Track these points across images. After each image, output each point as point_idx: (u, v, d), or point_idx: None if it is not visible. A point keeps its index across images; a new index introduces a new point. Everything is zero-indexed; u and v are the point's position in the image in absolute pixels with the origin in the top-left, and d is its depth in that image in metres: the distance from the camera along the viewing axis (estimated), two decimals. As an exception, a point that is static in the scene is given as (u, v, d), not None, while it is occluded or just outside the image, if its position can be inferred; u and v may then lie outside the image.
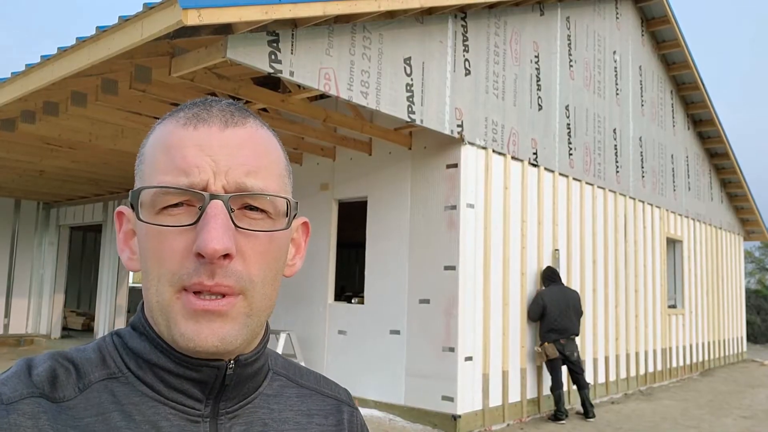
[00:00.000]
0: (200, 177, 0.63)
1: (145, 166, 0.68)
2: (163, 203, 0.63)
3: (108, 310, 11.96)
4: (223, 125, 0.66)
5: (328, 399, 0.81)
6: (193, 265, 0.61)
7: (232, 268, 0.62)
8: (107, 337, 0.71)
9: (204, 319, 0.62)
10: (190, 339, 0.62)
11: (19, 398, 0.60)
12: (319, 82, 5.04)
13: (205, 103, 0.69)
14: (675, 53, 11.21)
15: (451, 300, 6.49)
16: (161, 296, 0.63)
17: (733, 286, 14.27)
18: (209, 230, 0.60)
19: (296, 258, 0.76)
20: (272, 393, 0.75)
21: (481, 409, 6.65)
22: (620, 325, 9.34)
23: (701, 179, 12.77)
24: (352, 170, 7.70)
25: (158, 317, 0.64)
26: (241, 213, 0.64)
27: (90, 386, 0.64)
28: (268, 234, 0.66)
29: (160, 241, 0.63)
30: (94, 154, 8.47)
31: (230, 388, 0.68)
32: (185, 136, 0.65)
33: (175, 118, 0.68)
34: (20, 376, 0.63)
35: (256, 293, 0.65)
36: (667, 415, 7.82)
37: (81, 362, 0.66)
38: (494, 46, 7.17)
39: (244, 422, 0.70)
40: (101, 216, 12.59)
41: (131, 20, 4.07)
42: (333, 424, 0.78)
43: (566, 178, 8.40)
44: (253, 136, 0.68)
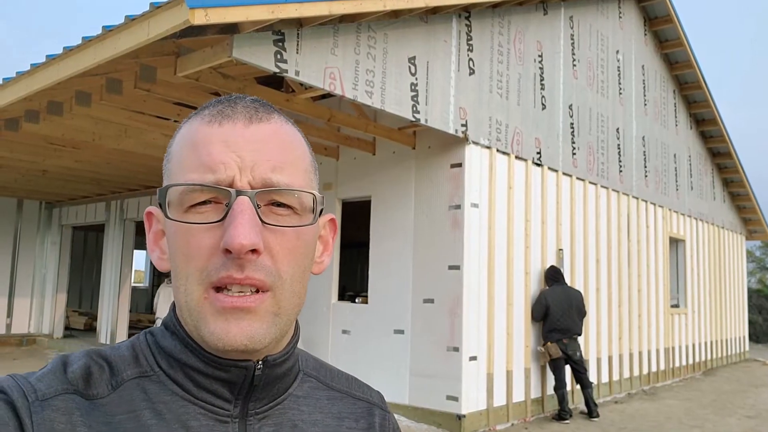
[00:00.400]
0: (226, 173, 0.63)
1: (172, 165, 0.68)
2: (191, 201, 0.63)
3: (110, 310, 11.96)
4: (247, 121, 0.66)
5: (359, 402, 0.80)
6: (221, 260, 0.61)
7: (261, 262, 0.62)
8: (141, 335, 0.72)
9: (233, 317, 0.62)
10: (218, 338, 0.62)
11: (53, 394, 0.61)
12: (324, 82, 5.04)
13: (230, 100, 0.69)
14: (678, 53, 11.21)
15: (455, 300, 6.49)
16: (189, 295, 0.63)
17: (736, 285, 14.26)
18: (236, 226, 0.60)
19: (324, 255, 0.75)
20: (302, 394, 0.74)
21: (486, 408, 6.65)
22: (623, 325, 9.33)
23: (704, 178, 12.76)
24: (356, 170, 7.69)
25: (187, 317, 0.65)
26: (267, 209, 0.64)
27: (122, 384, 0.65)
28: (296, 230, 0.65)
29: (188, 238, 0.63)
30: (98, 153, 8.47)
31: (259, 389, 0.68)
32: (211, 132, 0.65)
33: (200, 115, 0.68)
34: (56, 372, 0.64)
35: (284, 290, 0.65)
36: (671, 415, 7.81)
37: (115, 360, 0.67)
38: (498, 45, 7.17)
39: (274, 423, 0.69)
40: (104, 215, 12.59)
41: (138, 20, 4.06)
42: (364, 427, 0.78)
43: (570, 177, 8.39)
44: (278, 131, 0.68)
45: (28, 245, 13.59)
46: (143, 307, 18.89)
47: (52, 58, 4.88)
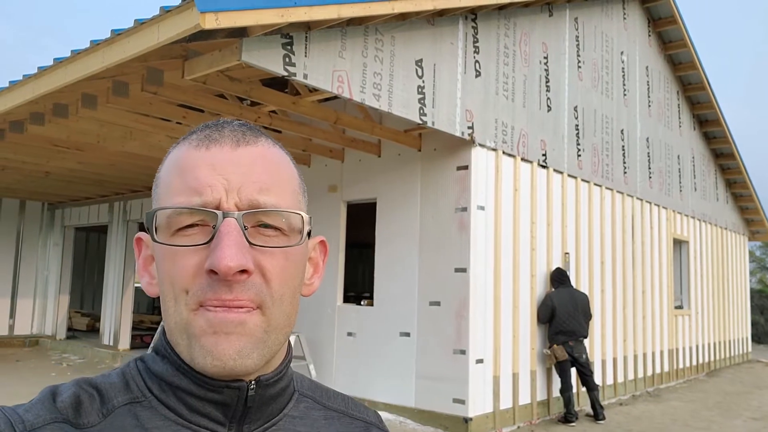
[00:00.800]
0: (212, 196, 0.63)
1: (160, 189, 0.68)
2: (178, 224, 0.63)
3: (114, 311, 11.95)
4: (235, 144, 0.67)
5: (356, 421, 0.79)
6: (206, 281, 0.61)
7: (250, 282, 0.62)
8: (131, 362, 0.71)
9: (222, 331, 0.62)
10: (208, 351, 0.62)
11: (42, 424, 0.61)
12: (332, 85, 5.02)
13: (217, 125, 0.69)
14: (681, 53, 11.19)
15: (462, 302, 6.47)
16: (179, 316, 0.63)
17: (738, 286, 14.26)
18: (222, 247, 0.60)
19: (314, 277, 0.75)
20: (298, 415, 0.74)
21: (492, 411, 6.64)
22: (628, 326, 9.32)
23: (707, 179, 12.76)
24: (361, 172, 7.68)
25: (177, 337, 0.64)
26: (255, 231, 0.64)
27: (114, 411, 0.64)
28: (284, 250, 0.65)
29: (174, 261, 0.63)
30: (101, 155, 8.46)
31: (253, 410, 0.68)
32: (198, 156, 0.66)
33: (188, 140, 0.69)
34: (44, 402, 0.63)
35: (274, 309, 0.64)
36: (676, 417, 7.80)
37: (105, 388, 0.66)
38: (504, 47, 7.15)
39: None
40: (106, 217, 12.57)
41: (147, 23, 4.05)
42: None
43: (575, 179, 8.38)
44: (265, 154, 0.68)
45: (31, 246, 13.58)
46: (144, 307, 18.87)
47: (60, 61, 4.87)
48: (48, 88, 5.11)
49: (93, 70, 4.61)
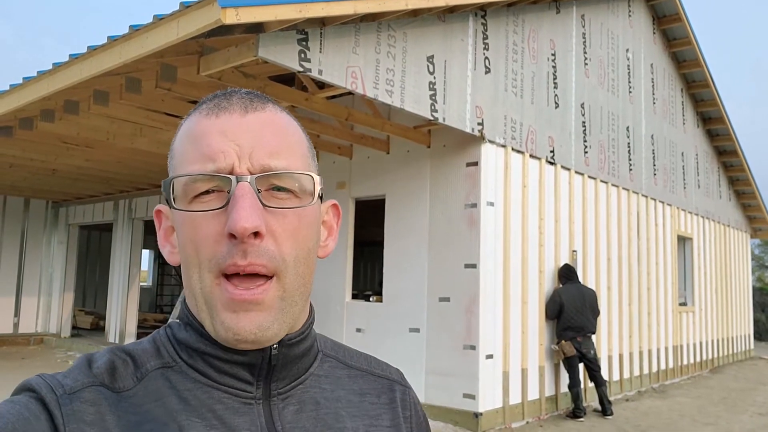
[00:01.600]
0: (225, 162, 0.65)
1: (175, 161, 0.71)
2: (194, 191, 0.66)
3: (119, 309, 11.96)
4: (243, 111, 0.69)
5: (380, 379, 0.82)
6: (227, 247, 0.64)
7: (264, 247, 0.64)
8: (161, 330, 0.74)
9: (242, 309, 0.64)
10: (229, 328, 0.64)
11: (80, 387, 0.63)
12: (346, 81, 5.04)
13: (225, 94, 0.71)
14: (686, 51, 11.23)
15: (472, 298, 6.50)
16: (203, 283, 0.66)
17: (741, 283, 14.30)
18: (237, 210, 0.62)
19: (329, 240, 0.78)
20: (323, 374, 0.77)
21: (502, 406, 6.67)
22: (633, 323, 9.36)
23: (710, 177, 12.80)
24: (370, 169, 7.70)
25: (202, 305, 0.67)
26: (268, 194, 0.66)
27: (147, 375, 0.67)
28: (297, 212, 0.67)
29: (195, 228, 0.66)
30: (110, 152, 8.47)
31: (278, 369, 0.70)
32: (209, 124, 0.68)
33: (198, 110, 0.71)
34: (81, 368, 0.66)
35: (288, 273, 0.67)
36: (683, 412, 7.84)
37: (137, 354, 0.69)
38: (513, 44, 7.18)
39: (297, 402, 0.72)
40: (111, 215, 12.58)
41: (166, 19, 4.07)
42: (386, 402, 0.80)
43: (582, 176, 8.41)
44: (273, 119, 0.70)
45: (35, 245, 13.58)
46: (147, 306, 18.88)
47: (75, 58, 4.88)
48: (62, 85, 5.13)
49: (109, 66, 4.63)
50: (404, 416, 0.81)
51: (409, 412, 0.83)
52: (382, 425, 0.77)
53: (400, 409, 0.81)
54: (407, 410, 0.83)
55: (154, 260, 20.20)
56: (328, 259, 7.71)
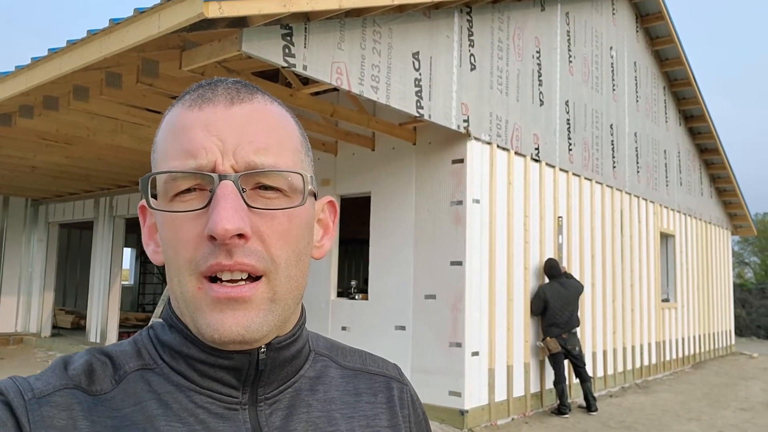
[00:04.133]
0: (207, 159, 0.61)
1: (156, 155, 0.66)
2: (175, 189, 0.62)
3: (100, 308, 11.79)
4: (228, 103, 0.64)
5: (376, 377, 0.79)
6: (209, 248, 0.60)
7: (250, 247, 0.60)
8: (143, 331, 0.71)
9: (228, 308, 0.60)
10: (214, 329, 0.60)
11: (51, 391, 0.60)
12: (331, 77, 4.99)
13: (210, 84, 0.66)
14: (668, 49, 11.31)
15: (457, 295, 6.49)
16: (184, 287, 0.62)
17: (722, 280, 14.47)
18: (218, 211, 0.58)
19: (324, 239, 0.74)
20: (315, 375, 0.73)
21: (487, 403, 6.67)
22: (617, 319, 9.42)
23: (692, 174, 12.92)
24: (355, 166, 7.65)
25: (183, 308, 0.64)
26: (254, 193, 0.62)
27: (125, 377, 0.64)
28: (286, 212, 0.63)
29: (175, 228, 0.62)
30: (90, 149, 8.33)
31: (266, 374, 0.67)
32: (191, 117, 0.63)
33: (181, 101, 0.66)
34: (55, 370, 0.63)
35: (279, 275, 0.63)
36: (667, 408, 7.90)
37: (116, 355, 0.66)
38: (498, 41, 7.17)
39: (286, 407, 0.68)
40: (92, 213, 12.40)
41: (148, 12, 3.99)
42: (383, 401, 0.76)
43: (566, 173, 8.43)
44: (261, 111, 0.65)
45: (14, 243, 13.35)
46: (128, 305, 18.68)
47: (55, 52, 4.78)
48: (41, 80, 5.02)
49: (89, 60, 4.54)
50: (402, 415, 0.78)
51: (408, 410, 0.80)
52: (379, 425, 0.74)
53: (398, 408, 0.78)
54: (405, 408, 0.79)
55: (135, 259, 19.98)
56: (313, 256, 7.66)
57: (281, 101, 0.71)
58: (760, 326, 20.82)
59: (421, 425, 0.82)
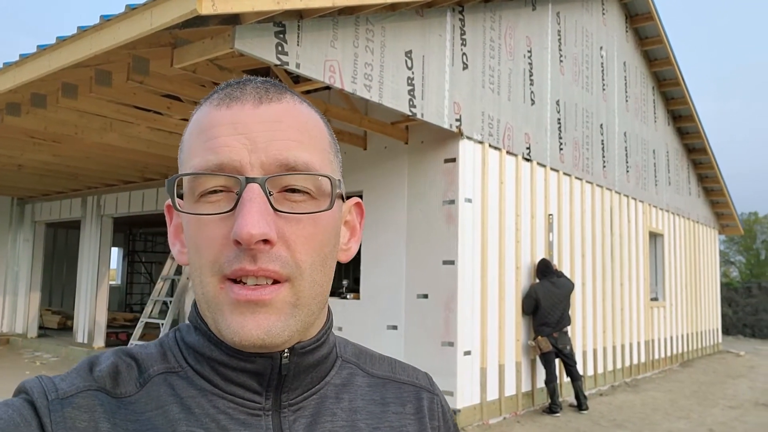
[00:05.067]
0: (229, 156, 0.60)
1: (183, 154, 0.66)
2: (200, 188, 0.61)
3: (87, 309, 11.68)
4: (257, 102, 0.63)
5: (404, 386, 0.77)
6: (233, 252, 0.59)
7: (275, 253, 0.59)
8: (170, 332, 0.70)
9: (248, 311, 0.59)
10: (235, 332, 0.59)
11: (75, 392, 0.60)
12: (324, 75, 4.96)
13: (239, 83, 0.66)
14: (657, 49, 11.38)
15: (450, 294, 6.48)
16: (206, 288, 0.61)
17: (709, 279, 14.58)
18: (244, 215, 0.57)
19: (351, 241, 0.72)
20: (341, 382, 0.71)
21: (480, 403, 6.67)
22: (607, 318, 9.46)
23: (680, 174, 13.01)
24: (347, 165, 7.62)
25: (205, 310, 0.63)
26: (281, 196, 0.61)
27: (150, 380, 0.64)
28: (312, 216, 0.62)
29: (200, 230, 0.61)
30: (78, 147, 8.24)
31: (290, 379, 0.65)
32: (218, 116, 0.62)
33: (209, 101, 0.65)
34: (80, 372, 0.63)
35: (304, 280, 0.61)
36: (656, 406, 7.95)
37: (142, 358, 0.66)
38: (490, 40, 7.17)
39: (310, 414, 0.67)
40: (79, 212, 12.27)
41: (140, 9, 3.94)
42: (412, 412, 0.74)
43: (557, 172, 8.46)
44: (291, 110, 0.64)
45: (0, 243, 13.19)
46: (116, 305, 18.51)
47: (44, 49, 4.71)
48: (30, 77, 4.94)
49: (79, 57, 4.47)
50: (432, 426, 0.76)
51: (438, 422, 0.77)
52: None
53: (427, 420, 0.75)
54: (435, 420, 0.77)
55: (123, 258, 19.81)
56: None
57: (309, 102, 0.69)
58: (746, 325, 21.02)
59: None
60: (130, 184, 11.12)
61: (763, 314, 21.11)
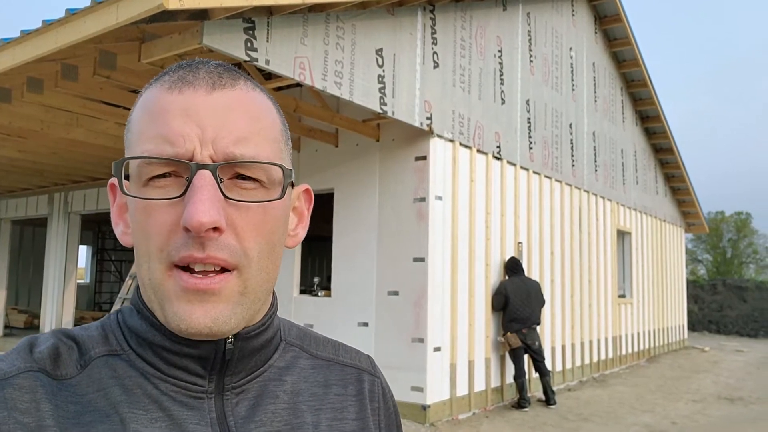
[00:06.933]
0: (185, 147, 0.59)
1: (131, 135, 0.64)
2: (149, 174, 0.60)
3: (54, 307, 11.48)
4: (210, 88, 0.62)
5: (347, 368, 0.78)
6: (182, 239, 0.59)
7: (224, 240, 0.59)
8: (112, 315, 0.69)
9: (197, 299, 0.59)
10: (181, 319, 0.59)
11: (16, 372, 0.59)
12: (294, 71, 4.96)
13: (192, 65, 0.64)
14: (625, 51, 11.58)
15: (420, 291, 6.53)
16: (153, 274, 0.61)
17: (676, 276, 14.90)
18: (194, 202, 0.57)
19: (299, 227, 0.73)
20: (284, 365, 0.72)
21: (449, 398, 6.73)
22: (575, 315, 9.61)
23: (648, 173, 13.26)
24: (318, 162, 7.63)
25: (151, 296, 0.62)
26: (231, 183, 0.61)
27: (91, 362, 0.63)
28: (262, 204, 0.62)
29: (148, 214, 0.60)
30: (44, 143, 8.10)
31: (234, 363, 0.66)
32: (170, 100, 0.61)
33: (160, 82, 0.64)
34: (20, 352, 0.62)
35: (251, 269, 0.62)
36: (623, 401, 8.11)
37: (83, 339, 0.65)
38: (461, 39, 7.23)
39: (253, 396, 0.68)
40: (46, 209, 12.04)
41: (106, 3, 3.89)
42: (353, 393, 0.76)
43: (527, 171, 8.56)
44: (243, 98, 0.64)
45: (-37, 240, 12.89)
46: (85, 304, 18.21)
47: (7, 42, 4.62)
48: (-7, 70, 4.85)
49: (45, 51, 4.41)
50: (372, 408, 0.77)
51: (378, 403, 0.79)
52: (347, 418, 0.73)
53: (368, 401, 0.77)
54: (375, 401, 0.79)
55: (92, 257, 19.49)
56: (275, 253, 7.59)
57: (263, 87, 0.69)
58: (712, 321, 21.51)
59: (391, 418, 0.81)
60: (98, 181, 10.96)
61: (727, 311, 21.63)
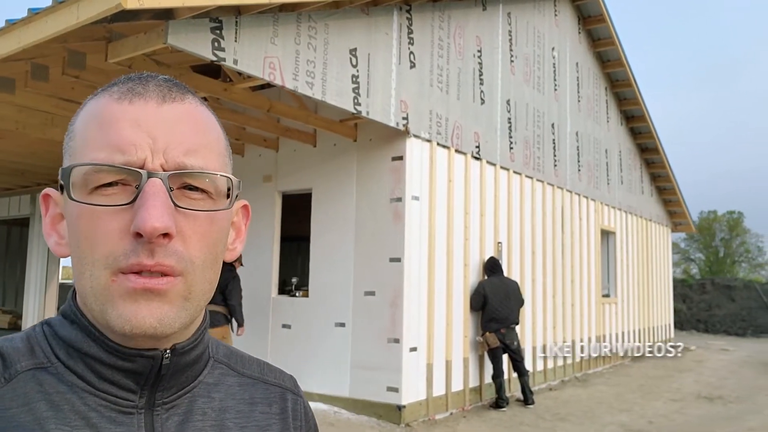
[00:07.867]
0: (137, 155, 0.60)
1: (75, 143, 0.64)
2: (96, 182, 0.60)
3: (37, 307, 11.42)
4: (160, 100, 0.63)
5: (271, 387, 0.79)
6: (130, 245, 0.59)
7: (172, 247, 0.60)
8: (37, 326, 0.68)
9: (143, 299, 0.59)
10: (126, 320, 0.59)
11: None
12: (263, 71, 4.94)
13: (141, 78, 0.66)
14: (609, 51, 11.60)
15: (396, 292, 6.52)
16: (96, 281, 0.60)
17: (662, 275, 14.94)
18: (147, 208, 0.57)
19: (237, 242, 0.73)
20: (213, 381, 0.73)
21: (425, 398, 6.73)
22: (557, 314, 9.62)
23: (633, 173, 13.29)
24: (296, 162, 7.61)
25: (92, 302, 0.61)
26: (180, 192, 0.62)
27: (16, 376, 0.61)
28: (209, 214, 0.63)
29: (94, 222, 0.60)
30: (21, 143, 8.05)
31: (167, 378, 0.66)
32: (120, 110, 0.62)
33: (108, 92, 0.65)
34: None
35: (196, 276, 0.62)
36: (602, 400, 8.12)
37: (8, 352, 0.63)
38: (438, 39, 7.22)
39: (183, 412, 0.68)
40: (28, 209, 11.99)
41: (66, 2, 3.87)
42: (277, 412, 0.77)
43: (507, 171, 8.56)
44: (192, 112, 0.66)
45: (-54, 240, 12.81)
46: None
47: (-29, 41, 4.58)
48: (-41, 69, 4.81)
49: (8, 51, 4.37)
50: (295, 426, 0.79)
51: (300, 422, 0.81)
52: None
53: (290, 419, 0.79)
54: (298, 420, 0.80)
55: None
56: (255, 254, 7.58)
57: (208, 105, 0.71)
58: (700, 320, 21.59)
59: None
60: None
61: (716, 310, 21.72)
